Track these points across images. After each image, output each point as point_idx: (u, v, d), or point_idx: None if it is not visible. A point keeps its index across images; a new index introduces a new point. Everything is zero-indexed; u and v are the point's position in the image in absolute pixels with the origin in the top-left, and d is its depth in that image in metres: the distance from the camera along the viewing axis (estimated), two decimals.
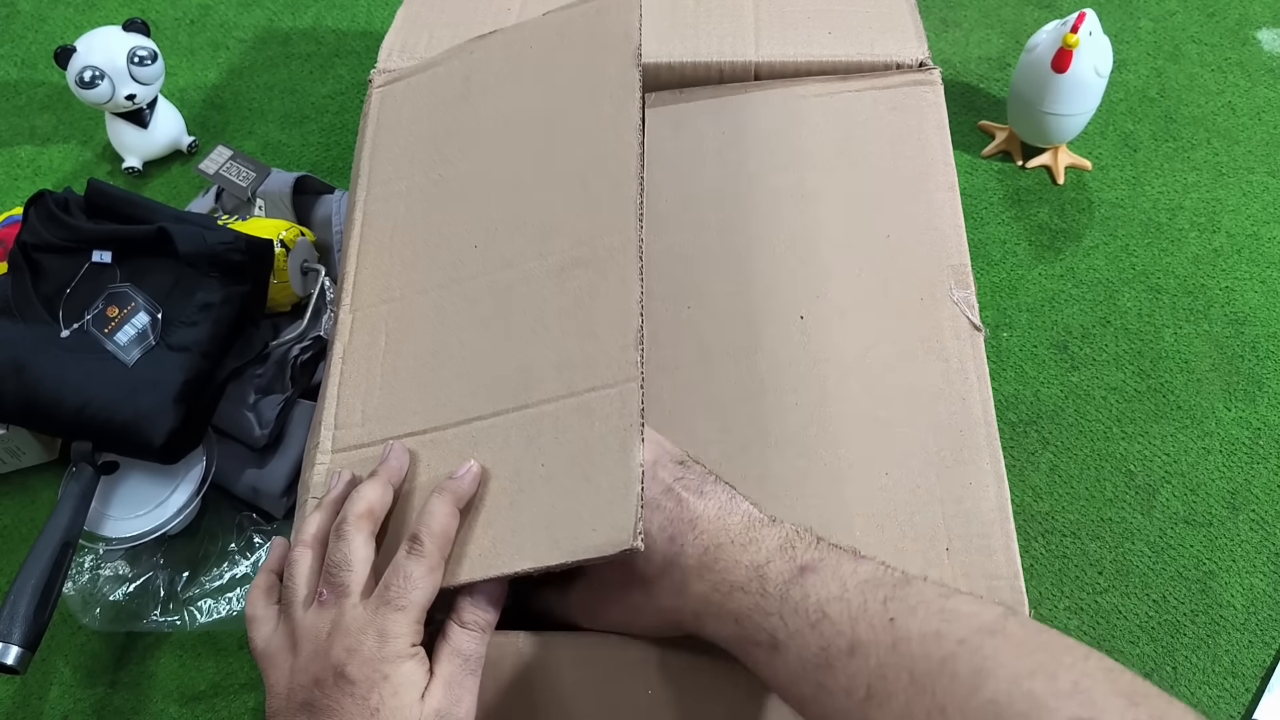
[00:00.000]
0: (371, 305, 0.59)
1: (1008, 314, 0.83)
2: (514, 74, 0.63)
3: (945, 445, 0.54)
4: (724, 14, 0.71)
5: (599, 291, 0.52)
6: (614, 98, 0.57)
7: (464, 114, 0.63)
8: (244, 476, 0.72)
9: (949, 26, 1.03)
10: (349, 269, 0.61)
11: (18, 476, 0.77)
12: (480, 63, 0.65)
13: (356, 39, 1.06)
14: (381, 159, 0.64)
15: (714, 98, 0.68)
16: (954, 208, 0.62)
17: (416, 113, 0.65)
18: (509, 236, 0.57)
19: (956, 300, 0.58)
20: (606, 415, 0.47)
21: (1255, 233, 0.87)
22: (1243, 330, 0.81)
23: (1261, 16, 1.03)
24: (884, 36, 0.69)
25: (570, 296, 0.52)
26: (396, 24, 0.73)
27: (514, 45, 0.64)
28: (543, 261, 0.54)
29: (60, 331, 0.69)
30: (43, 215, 0.72)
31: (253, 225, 0.77)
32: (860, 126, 0.66)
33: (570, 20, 0.63)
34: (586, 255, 0.53)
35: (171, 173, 0.96)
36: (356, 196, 0.64)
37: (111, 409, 0.66)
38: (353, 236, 0.62)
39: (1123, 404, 0.78)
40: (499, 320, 0.54)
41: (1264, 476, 0.74)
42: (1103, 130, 0.94)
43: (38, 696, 0.68)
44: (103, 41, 0.87)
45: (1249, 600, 0.69)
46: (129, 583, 0.70)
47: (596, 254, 0.53)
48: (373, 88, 0.68)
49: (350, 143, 0.68)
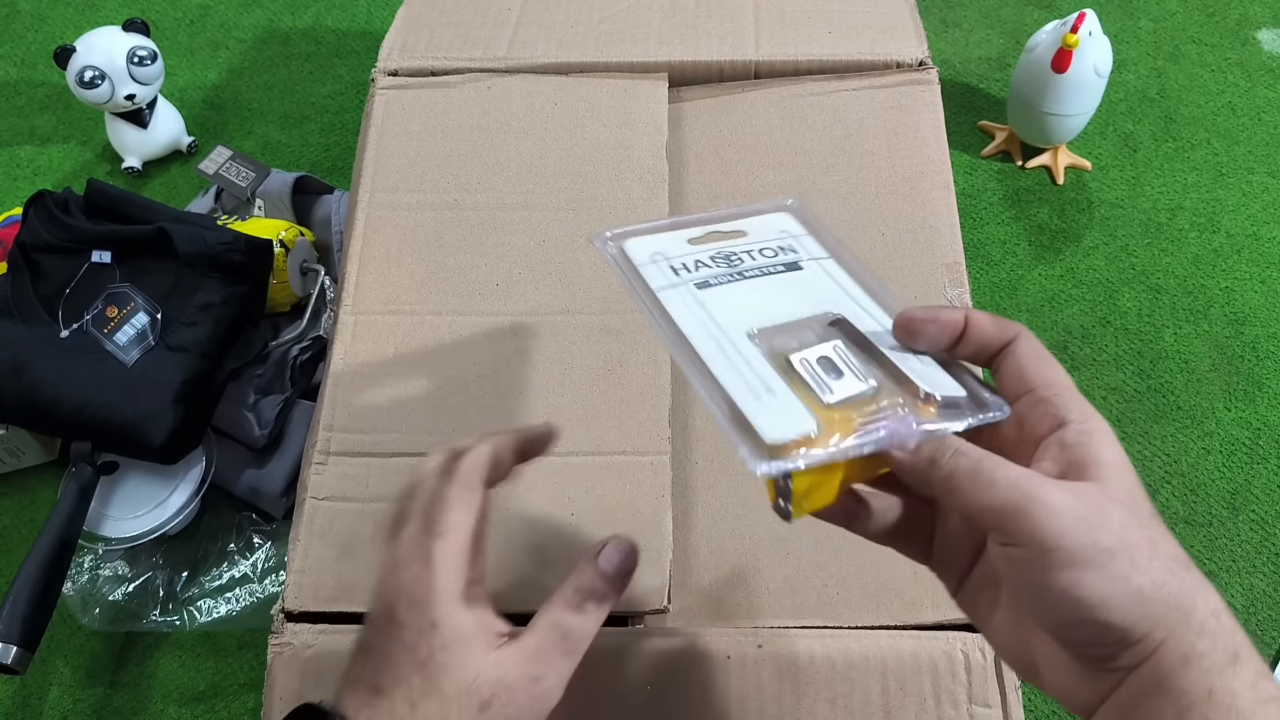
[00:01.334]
0: (377, 313, 0.59)
1: (1007, 314, 0.82)
2: (537, 125, 0.66)
3: None
4: (724, 13, 0.71)
5: (629, 360, 0.56)
6: (643, 180, 0.63)
7: (482, 145, 0.66)
8: (243, 477, 0.72)
9: (949, 26, 1.03)
10: (350, 270, 0.61)
11: (17, 477, 0.77)
12: (499, 99, 0.67)
13: (356, 39, 1.06)
14: (387, 165, 0.65)
15: (713, 96, 0.68)
16: (949, 206, 0.62)
17: (428, 129, 0.66)
18: (534, 284, 0.60)
19: (951, 298, 0.58)
20: (638, 481, 0.51)
21: (1255, 233, 0.87)
22: (1242, 330, 0.81)
23: (1261, 17, 1.03)
24: (884, 36, 0.69)
25: (599, 358, 0.56)
26: (397, 24, 0.73)
27: (536, 95, 0.67)
28: (570, 318, 0.58)
29: (60, 332, 0.69)
30: (42, 215, 0.72)
31: (252, 225, 0.77)
32: (858, 125, 0.66)
33: (597, 93, 0.67)
34: (617, 325, 0.57)
35: (171, 173, 0.96)
36: (359, 198, 0.64)
37: (111, 409, 0.66)
38: (354, 238, 0.62)
39: (1123, 404, 0.78)
40: (522, 361, 0.56)
41: (1264, 477, 0.74)
42: (1102, 130, 0.94)
43: (37, 696, 0.68)
44: (102, 41, 0.87)
45: (1249, 600, 0.69)
46: (128, 583, 0.70)
47: (627, 325, 0.57)
48: (376, 88, 0.68)
49: (350, 143, 0.68)
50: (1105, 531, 0.30)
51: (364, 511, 0.54)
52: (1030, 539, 0.30)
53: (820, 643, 0.49)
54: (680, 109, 0.68)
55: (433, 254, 0.61)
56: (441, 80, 0.69)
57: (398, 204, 0.63)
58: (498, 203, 0.63)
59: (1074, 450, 0.32)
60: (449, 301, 0.60)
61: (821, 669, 0.49)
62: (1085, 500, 0.30)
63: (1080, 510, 0.30)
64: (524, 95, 0.67)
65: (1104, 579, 0.30)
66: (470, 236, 0.62)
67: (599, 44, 0.69)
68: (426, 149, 0.65)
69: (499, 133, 0.66)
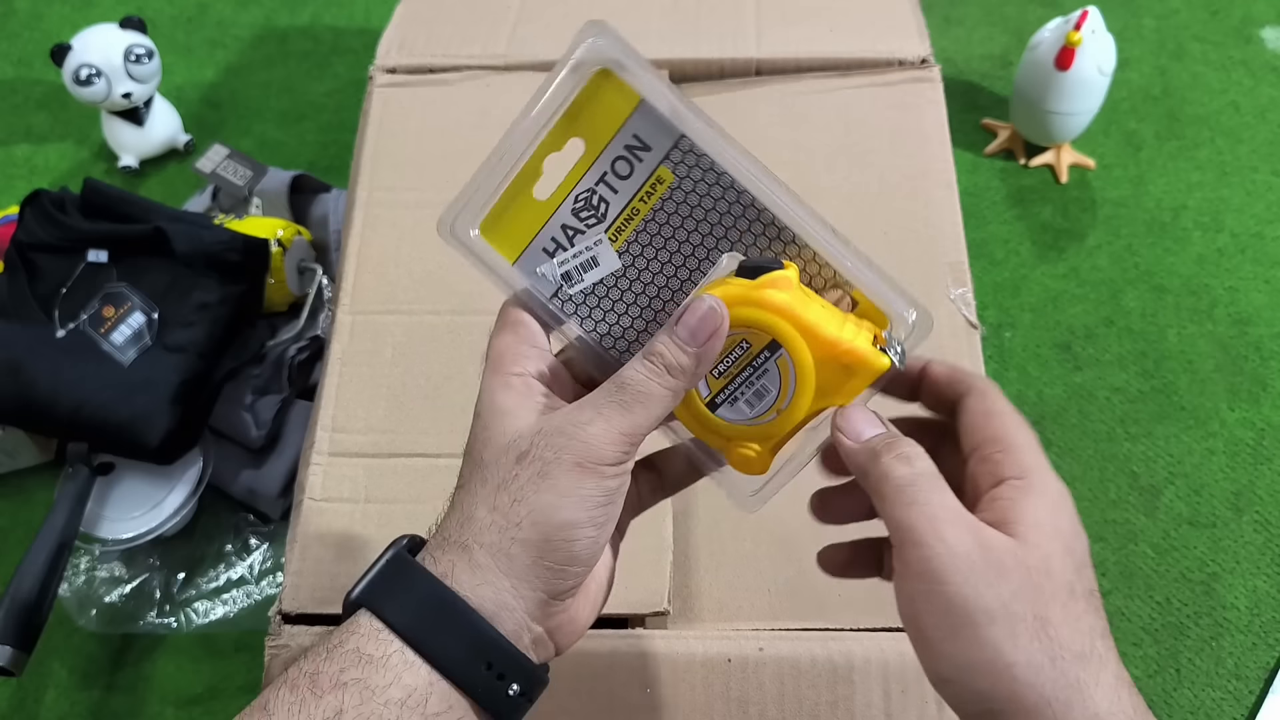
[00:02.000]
0: (375, 312, 0.59)
1: (1010, 314, 0.82)
2: None
3: None
4: (725, 11, 0.71)
5: None
6: None
7: (481, 144, 0.62)
8: (240, 477, 0.72)
9: (951, 24, 1.03)
10: (348, 269, 0.61)
11: (13, 478, 0.76)
12: (498, 97, 0.67)
13: (354, 36, 1.06)
14: (385, 163, 0.65)
15: (714, 94, 0.68)
16: (952, 205, 0.61)
17: (427, 127, 0.66)
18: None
19: (954, 298, 0.58)
20: None
21: (1259, 232, 0.86)
22: (1247, 330, 0.81)
23: (1265, 15, 1.02)
24: (886, 34, 0.69)
25: None
26: (395, 21, 0.72)
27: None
28: None
29: (56, 331, 0.68)
30: (38, 214, 0.72)
31: (249, 224, 0.76)
32: (860, 123, 0.65)
33: None
34: None
35: (168, 171, 0.95)
36: (356, 196, 0.64)
37: (108, 410, 0.66)
38: (352, 236, 0.62)
39: (1126, 405, 0.77)
40: None
41: (1268, 478, 0.73)
42: (1106, 129, 0.93)
43: (33, 699, 0.67)
44: (99, 39, 0.86)
45: (1253, 602, 0.68)
46: (125, 584, 0.70)
47: None
48: (374, 85, 0.68)
49: (348, 141, 0.68)
50: (992, 593, 0.29)
51: (362, 512, 0.53)
52: (917, 573, 0.29)
53: (822, 645, 0.49)
54: None
55: (431, 253, 0.61)
56: (440, 78, 0.68)
57: (396, 202, 0.63)
58: None
59: (999, 506, 0.31)
60: (447, 301, 0.59)
61: (823, 671, 0.48)
62: (988, 554, 0.29)
63: (975, 562, 0.29)
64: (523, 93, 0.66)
65: (973, 642, 0.29)
66: None
67: None
68: (425, 147, 0.65)
69: (498, 131, 0.65)
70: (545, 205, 0.36)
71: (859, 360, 0.32)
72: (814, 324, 0.32)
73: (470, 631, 0.32)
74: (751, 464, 0.35)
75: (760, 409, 0.34)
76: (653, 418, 0.33)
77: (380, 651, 0.31)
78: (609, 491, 0.33)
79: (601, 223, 0.35)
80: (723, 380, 0.34)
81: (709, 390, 0.34)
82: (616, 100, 0.34)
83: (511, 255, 0.36)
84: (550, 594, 0.33)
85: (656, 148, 0.34)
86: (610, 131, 0.34)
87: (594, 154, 0.35)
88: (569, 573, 0.33)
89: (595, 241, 0.35)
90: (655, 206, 0.35)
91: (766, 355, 0.33)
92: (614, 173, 0.35)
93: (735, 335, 0.33)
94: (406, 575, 0.32)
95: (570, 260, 0.36)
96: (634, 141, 0.34)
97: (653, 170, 0.34)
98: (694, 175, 0.34)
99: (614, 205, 0.35)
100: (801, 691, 0.48)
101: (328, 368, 0.57)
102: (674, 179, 0.34)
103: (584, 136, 0.35)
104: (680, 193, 0.34)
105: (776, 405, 0.34)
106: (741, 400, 0.34)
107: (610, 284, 0.36)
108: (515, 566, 0.32)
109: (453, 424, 0.55)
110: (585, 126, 0.35)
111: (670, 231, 0.35)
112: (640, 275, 0.35)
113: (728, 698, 0.48)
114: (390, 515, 0.53)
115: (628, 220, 0.35)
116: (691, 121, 0.34)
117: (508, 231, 0.36)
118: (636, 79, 0.34)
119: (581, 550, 0.32)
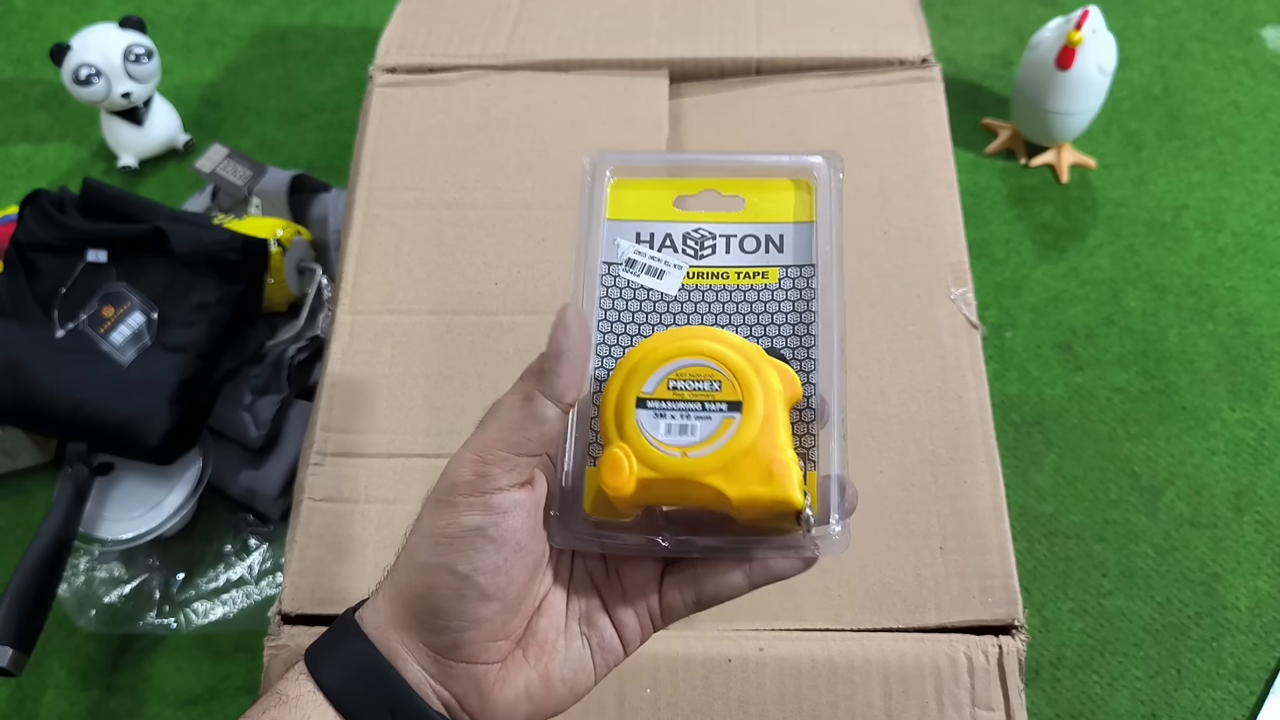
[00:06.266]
0: (374, 312, 0.59)
1: (1011, 314, 0.82)
2: (536, 123, 0.65)
3: (941, 443, 0.53)
4: (725, 9, 0.71)
5: None
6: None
7: (481, 143, 0.65)
8: (240, 478, 0.72)
9: (952, 23, 1.03)
10: (348, 269, 0.60)
11: (12, 478, 0.76)
12: (498, 97, 0.67)
13: (354, 36, 1.05)
14: (385, 163, 0.64)
15: (714, 93, 0.68)
16: (953, 205, 0.61)
17: (426, 126, 0.66)
18: (533, 283, 0.59)
19: (954, 298, 0.58)
20: None
21: (1260, 232, 0.86)
22: (1247, 330, 0.81)
23: (1266, 14, 1.02)
24: (886, 33, 0.68)
25: None
26: (394, 20, 0.72)
27: (536, 92, 0.67)
28: None
29: (55, 331, 0.68)
30: (38, 214, 0.72)
31: (249, 224, 0.76)
32: (860, 122, 0.65)
33: (596, 90, 0.66)
34: None
35: (167, 171, 0.95)
36: (356, 195, 0.63)
37: (107, 410, 0.65)
38: (352, 236, 0.62)
39: (1127, 405, 0.77)
40: (521, 361, 0.55)
41: (1269, 478, 0.73)
42: (1107, 128, 0.93)
43: (32, 699, 0.67)
44: (98, 39, 0.86)
45: (1254, 602, 0.68)
46: (124, 585, 0.70)
47: None
48: (373, 85, 0.68)
49: (348, 141, 0.68)
50: None
51: (361, 513, 0.53)
52: None
53: (822, 645, 0.49)
54: (681, 106, 0.67)
55: (431, 253, 0.61)
56: (440, 77, 0.68)
57: (395, 202, 0.63)
58: (496, 201, 0.63)
59: None
60: (447, 301, 0.59)
61: (823, 672, 0.48)
62: None
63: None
64: (523, 92, 0.67)
65: None
66: (469, 235, 0.61)
67: (599, 40, 0.68)
68: (424, 146, 0.65)
69: (498, 130, 0.65)
70: (672, 212, 0.38)
71: (784, 478, 0.31)
72: (780, 423, 0.32)
73: (380, 681, 0.31)
74: (618, 473, 0.32)
75: (674, 439, 0.33)
76: (504, 428, 0.31)
77: (295, 692, 0.31)
78: (466, 530, 0.30)
79: (693, 257, 0.37)
80: (671, 394, 0.33)
81: (654, 389, 0.33)
82: (798, 206, 0.38)
83: (613, 216, 0.38)
84: (431, 648, 0.32)
85: (788, 253, 0.37)
86: (769, 217, 0.38)
87: (743, 217, 0.38)
88: (436, 625, 0.31)
89: (677, 265, 0.37)
90: (745, 287, 0.37)
91: (723, 409, 0.33)
92: (740, 242, 0.37)
93: (722, 375, 0.33)
94: (341, 625, 0.33)
95: (646, 256, 0.38)
96: (776, 238, 0.37)
97: (771, 264, 0.37)
98: (791, 295, 0.37)
99: (717, 258, 0.37)
100: (802, 692, 0.48)
101: (327, 368, 0.57)
102: (776, 283, 0.37)
103: (749, 200, 0.38)
104: (768, 292, 0.37)
105: (687, 449, 0.32)
106: (668, 419, 0.33)
107: (644, 298, 0.37)
108: (396, 613, 0.32)
109: (452, 424, 0.55)
110: (757, 194, 0.38)
111: (734, 310, 0.37)
112: (675, 320, 0.37)
113: (728, 698, 0.48)
114: (390, 515, 0.53)
115: (716, 276, 0.37)
116: (829, 264, 0.37)
117: (628, 201, 0.38)
118: (823, 204, 0.38)
119: (442, 600, 0.30)
